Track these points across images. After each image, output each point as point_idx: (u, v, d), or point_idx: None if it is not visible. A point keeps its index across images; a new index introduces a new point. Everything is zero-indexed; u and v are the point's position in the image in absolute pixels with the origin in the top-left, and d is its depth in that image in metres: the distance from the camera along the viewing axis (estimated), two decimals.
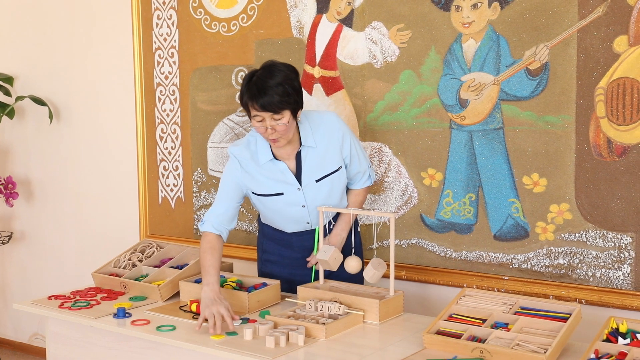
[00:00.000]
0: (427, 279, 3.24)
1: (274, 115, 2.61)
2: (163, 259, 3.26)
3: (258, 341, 2.39)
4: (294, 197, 2.82)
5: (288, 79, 2.64)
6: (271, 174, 2.81)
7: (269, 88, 2.59)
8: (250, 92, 2.61)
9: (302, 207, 2.84)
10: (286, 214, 2.88)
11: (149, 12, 4.03)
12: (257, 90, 2.60)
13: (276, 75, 2.63)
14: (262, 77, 2.63)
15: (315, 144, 2.79)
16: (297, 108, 2.68)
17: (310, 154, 2.80)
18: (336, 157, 2.83)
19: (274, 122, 2.63)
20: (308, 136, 2.79)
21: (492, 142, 3.02)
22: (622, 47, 2.72)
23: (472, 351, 2.22)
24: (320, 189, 2.83)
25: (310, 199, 2.82)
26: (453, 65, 3.07)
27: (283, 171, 2.80)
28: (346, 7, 3.33)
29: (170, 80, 3.99)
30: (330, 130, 2.82)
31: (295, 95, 2.65)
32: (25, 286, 4.84)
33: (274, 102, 2.59)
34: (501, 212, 3.03)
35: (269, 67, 2.68)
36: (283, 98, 2.60)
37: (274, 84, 2.60)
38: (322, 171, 2.82)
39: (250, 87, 2.63)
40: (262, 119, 2.63)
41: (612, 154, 2.77)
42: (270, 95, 2.59)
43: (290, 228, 2.94)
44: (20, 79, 4.67)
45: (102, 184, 4.39)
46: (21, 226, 4.82)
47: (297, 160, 2.81)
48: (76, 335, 2.82)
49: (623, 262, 2.79)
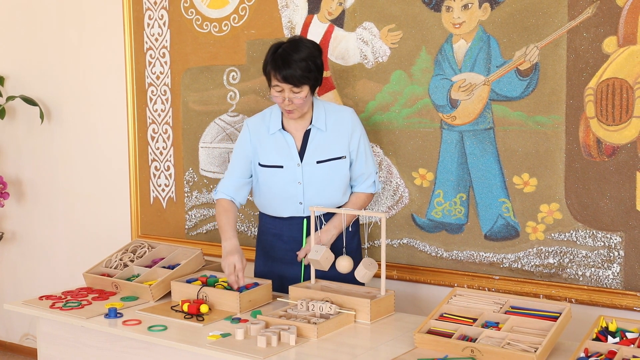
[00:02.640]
0: (418, 279, 3.25)
1: (294, 88, 2.74)
2: (154, 259, 3.26)
3: (249, 341, 2.39)
4: (292, 172, 2.89)
5: (312, 56, 2.77)
6: (277, 144, 2.91)
7: (293, 62, 2.72)
8: (275, 63, 2.74)
9: (298, 184, 2.89)
10: (281, 190, 2.93)
11: (140, 12, 4.02)
12: (281, 62, 2.72)
13: (301, 50, 2.75)
14: (288, 50, 2.75)
15: (325, 128, 2.90)
16: (316, 84, 2.82)
17: (318, 136, 2.90)
18: (342, 146, 2.91)
19: (293, 95, 2.76)
20: (320, 118, 2.90)
21: (483, 142, 3.03)
22: (611, 47, 2.73)
23: (462, 350, 2.23)
24: (319, 172, 2.89)
25: (307, 177, 2.88)
26: (444, 66, 3.09)
27: (289, 143, 2.90)
28: (337, 8, 3.34)
29: (162, 80, 3.98)
30: (342, 120, 2.92)
31: (316, 72, 2.78)
32: (16, 286, 4.83)
33: (296, 75, 2.71)
34: (492, 211, 3.04)
35: (296, 41, 2.80)
36: (305, 73, 2.73)
37: (298, 59, 2.72)
38: (325, 154, 2.89)
39: (275, 58, 2.75)
40: (281, 89, 2.76)
41: (601, 154, 2.79)
42: (294, 69, 2.71)
43: (282, 208, 2.97)
44: (11, 78, 4.66)
45: (93, 184, 4.39)
46: (12, 226, 4.81)
47: (305, 139, 2.90)
48: (67, 336, 2.82)
49: (612, 261, 2.81)
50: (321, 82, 2.87)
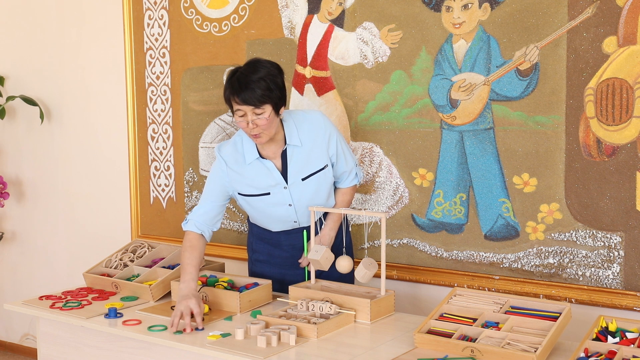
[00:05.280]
0: (418, 279, 3.25)
1: (255, 109, 2.63)
2: (154, 259, 3.26)
3: (249, 341, 2.39)
4: (280, 197, 2.83)
5: (270, 75, 2.67)
6: (257, 173, 2.82)
7: (251, 82, 2.62)
8: (232, 87, 2.65)
9: (289, 206, 2.85)
10: (273, 214, 2.89)
11: (140, 12, 4.02)
12: (238, 84, 2.63)
13: (259, 71, 2.66)
14: (245, 72, 2.66)
15: (301, 143, 2.81)
16: (279, 104, 2.69)
17: (296, 153, 2.82)
18: (322, 155, 2.84)
19: (255, 117, 2.64)
20: (293, 135, 2.80)
21: (483, 142, 3.03)
22: (611, 47, 2.73)
23: (462, 350, 2.23)
24: (307, 188, 2.83)
25: (296, 197, 2.83)
26: (444, 66, 3.09)
27: (270, 169, 2.81)
28: (337, 8, 3.34)
29: (162, 80, 3.98)
30: (316, 129, 2.83)
31: (277, 91, 2.67)
32: (16, 286, 4.83)
33: (256, 95, 2.61)
34: (492, 211, 3.04)
35: (253, 63, 2.71)
36: (265, 92, 2.62)
37: (256, 79, 2.63)
38: (308, 169, 2.83)
39: (232, 82, 2.66)
40: (243, 113, 2.65)
41: (601, 154, 2.79)
42: (252, 89, 2.61)
43: (277, 227, 2.94)
44: (11, 78, 4.66)
45: (93, 184, 4.39)
46: (12, 226, 4.81)
47: (283, 159, 2.82)
48: (67, 336, 2.82)
49: (612, 261, 2.81)
50: (284, 102, 2.73)
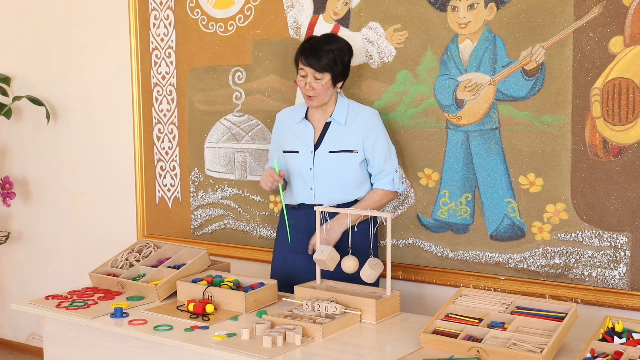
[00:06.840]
0: (423, 279, 3.24)
1: (316, 73, 2.95)
2: (160, 259, 3.26)
3: (255, 341, 2.39)
4: (305, 158, 3.07)
5: (340, 50, 2.98)
6: (298, 131, 3.12)
7: (321, 50, 2.95)
8: (304, 49, 2.98)
9: (309, 170, 3.04)
10: (296, 174, 3.10)
11: (146, 12, 4.03)
12: (310, 49, 2.97)
13: (332, 43, 2.98)
14: (319, 41, 3.00)
15: (345, 122, 3.05)
16: (338, 77, 3.00)
17: (336, 128, 3.06)
18: (357, 141, 3.03)
19: (314, 81, 2.96)
20: (341, 113, 3.06)
21: (489, 142, 3.03)
22: (617, 47, 2.73)
23: (468, 350, 2.23)
24: (330, 161, 3.03)
25: (318, 164, 3.04)
26: (449, 66, 3.08)
27: (308, 131, 3.09)
28: (343, 8, 3.34)
29: (168, 81, 3.99)
30: (362, 118, 3.06)
31: (340, 65, 2.98)
32: (23, 286, 4.84)
33: (321, 63, 2.93)
34: (497, 212, 3.03)
35: (329, 35, 3.06)
36: (329, 62, 2.94)
37: (326, 49, 2.95)
38: (338, 146, 3.04)
39: (305, 45, 3.00)
40: (305, 74, 2.97)
41: (607, 154, 2.78)
42: (320, 56, 2.94)
43: (296, 192, 3.12)
44: (17, 79, 4.67)
45: (99, 184, 4.39)
46: (18, 226, 4.82)
47: (324, 130, 3.07)
48: (73, 335, 2.82)
49: (619, 261, 2.80)
50: (344, 78, 3.04)
